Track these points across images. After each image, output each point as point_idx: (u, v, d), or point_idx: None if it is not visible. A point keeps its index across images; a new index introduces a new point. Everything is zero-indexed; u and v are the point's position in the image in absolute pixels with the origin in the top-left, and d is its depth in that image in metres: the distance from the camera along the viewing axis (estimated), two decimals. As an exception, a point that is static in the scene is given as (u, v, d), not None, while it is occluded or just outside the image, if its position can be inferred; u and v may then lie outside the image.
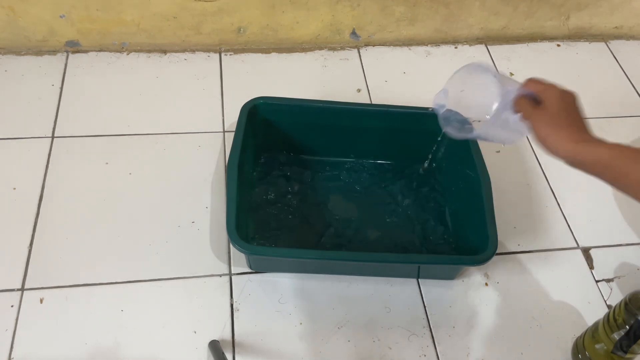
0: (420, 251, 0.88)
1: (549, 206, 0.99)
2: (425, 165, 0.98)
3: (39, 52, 1.12)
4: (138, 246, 0.87)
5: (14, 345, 0.76)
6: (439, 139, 0.86)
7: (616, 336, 0.72)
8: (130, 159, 0.97)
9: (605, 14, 1.25)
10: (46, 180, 0.93)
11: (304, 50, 1.20)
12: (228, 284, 0.85)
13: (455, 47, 1.24)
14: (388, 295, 0.86)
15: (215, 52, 1.17)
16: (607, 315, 0.75)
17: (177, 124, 1.03)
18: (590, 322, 0.84)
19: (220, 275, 0.85)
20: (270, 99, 0.97)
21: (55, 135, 0.99)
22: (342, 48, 1.22)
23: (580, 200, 1.00)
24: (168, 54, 1.15)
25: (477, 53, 1.24)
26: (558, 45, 1.27)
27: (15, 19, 1.07)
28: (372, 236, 0.89)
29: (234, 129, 0.92)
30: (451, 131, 0.69)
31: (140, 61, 1.14)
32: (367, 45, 1.23)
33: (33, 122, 1.01)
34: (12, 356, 0.75)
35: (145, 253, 0.86)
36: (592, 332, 0.77)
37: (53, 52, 1.13)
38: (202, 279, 0.85)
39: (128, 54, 1.15)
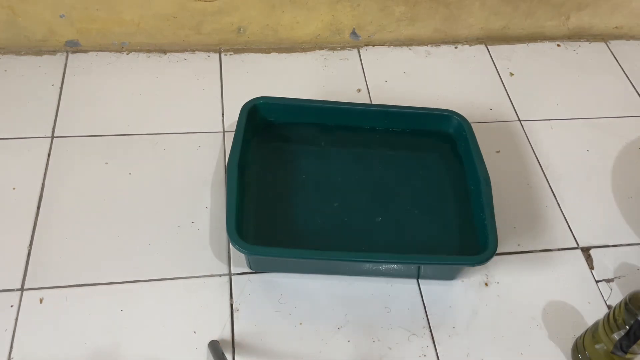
0: (420, 251, 0.88)
1: (549, 206, 0.99)
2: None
3: (38, 52, 1.12)
4: (138, 246, 0.87)
5: (14, 345, 0.76)
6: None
7: (616, 336, 0.72)
8: (130, 159, 0.97)
9: (605, 14, 1.25)
10: (46, 180, 0.93)
11: (304, 50, 1.20)
12: (228, 284, 0.85)
13: (455, 47, 1.24)
14: (388, 295, 0.86)
15: (215, 52, 1.17)
16: (607, 315, 0.75)
17: (177, 124, 1.03)
18: (590, 322, 0.84)
19: (220, 275, 0.85)
20: (270, 99, 0.97)
21: (55, 135, 0.99)
22: (342, 48, 1.22)
23: (580, 200, 1.00)
24: (168, 54, 1.15)
25: (477, 53, 1.24)
26: (558, 45, 1.27)
27: (15, 18, 1.07)
28: (371, 234, 0.88)
29: (234, 129, 0.92)
30: None
31: (140, 61, 1.14)
32: (367, 45, 1.23)
33: (33, 122, 1.01)
34: (11, 356, 0.75)
35: (145, 253, 0.86)
36: (592, 332, 0.77)
37: (53, 52, 1.13)
38: (202, 279, 0.85)
39: (128, 54, 1.15)
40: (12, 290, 0.81)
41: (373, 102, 1.11)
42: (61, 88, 1.07)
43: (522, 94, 1.16)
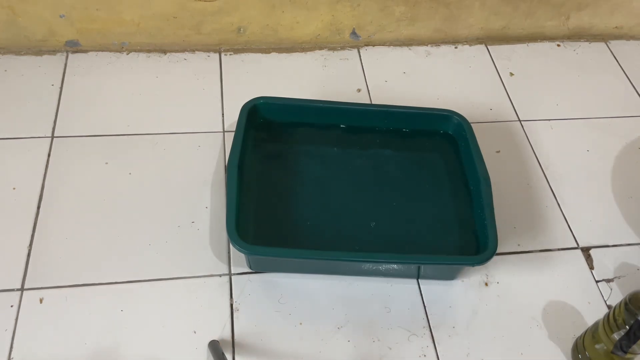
0: (420, 251, 0.88)
1: (549, 206, 0.99)
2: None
3: (38, 52, 1.12)
4: (138, 246, 0.87)
5: (14, 345, 0.76)
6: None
7: (616, 336, 0.72)
8: (130, 159, 0.97)
9: (605, 14, 1.25)
10: (46, 180, 0.93)
11: (304, 50, 1.20)
12: (228, 284, 0.85)
13: (455, 47, 1.24)
14: (388, 295, 0.86)
15: (215, 52, 1.17)
16: (607, 315, 0.75)
17: (177, 124, 1.03)
18: (590, 322, 0.84)
19: (220, 275, 0.85)
20: (270, 99, 0.97)
21: (55, 135, 0.99)
22: (342, 48, 1.22)
23: (580, 200, 1.00)
24: (168, 54, 1.15)
25: (477, 53, 1.24)
26: (558, 45, 1.27)
27: (15, 18, 1.07)
28: (371, 234, 0.88)
29: (234, 129, 0.92)
30: None
31: (140, 61, 1.14)
32: (367, 45, 1.23)
33: (33, 122, 1.01)
34: (12, 356, 0.75)
35: (145, 253, 0.86)
36: (592, 332, 0.77)
37: (53, 52, 1.13)
38: (202, 279, 0.85)
39: (128, 54, 1.15)
40: (12, 290, 0.81)
41: (373, 102, 1.11)
42: (61, 88, 1.07)
43: (522, 94, 1.16)
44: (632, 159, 1.07)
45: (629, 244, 0.95)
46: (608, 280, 0.90)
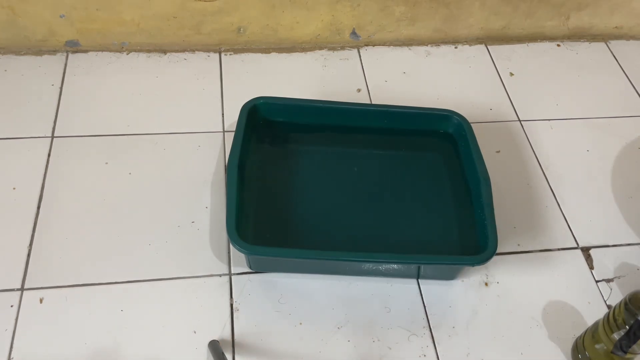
0: (420, 251, 0.88)
1: (549, 206, 0.99)
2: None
3: (38, 52, 1.12)
4: (138, 246, 0.87)
5: (14, 345, 0.76)
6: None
7: (616, 336, 0.72)
8: (130, 159, 0.97)
9: (605, 14, 1.25)
10: (46, 180, 0.93)
11: (304, 50, 1.20)
12: (228, 284, 0.85)
13: (455, 47, 1.24)
14: (388, 295, 0.86)
15: (215, 52, 1.17)
16: (607, 315, 0.75)
17: (177, 124, 1.03)
18: (590, 322, 0.84)
19: (220, 275, 0.85)
20: (270, 99, 0.97)
21: (55, 135, 0.99)
22: (342, 48, 1.22)
23: (580, 200, 1.00)
24: (168, 54, 1.15)
25: (477, 53, 1.24)
26: (558, 45, 1.27)
27: (15, 18, 1.07)
28: (371, 234, 0.88)
29: (234, 129, 0.92)
30: None
31: (140, 61, 1.14)
32: (367, 45, 1.23)
33: (33, 122, 1.01)
34: (12, 356, 0.75)
35: (145, 253, 0.86)
36: (592, 332, 0.77)
37: (53, 52, 1.13)
38: (202, 279, 0.85)
39: (128, 54, 1.15)
40: (12, 290, 0.81)
41: (373, 102, 1.11)
42: (61, 88, 1.07)
43: (522, 94, 1.16)
44: (632, 159, 1.07)
45: (629, 244, 0.95)
46: (608, 280, 0.90)
